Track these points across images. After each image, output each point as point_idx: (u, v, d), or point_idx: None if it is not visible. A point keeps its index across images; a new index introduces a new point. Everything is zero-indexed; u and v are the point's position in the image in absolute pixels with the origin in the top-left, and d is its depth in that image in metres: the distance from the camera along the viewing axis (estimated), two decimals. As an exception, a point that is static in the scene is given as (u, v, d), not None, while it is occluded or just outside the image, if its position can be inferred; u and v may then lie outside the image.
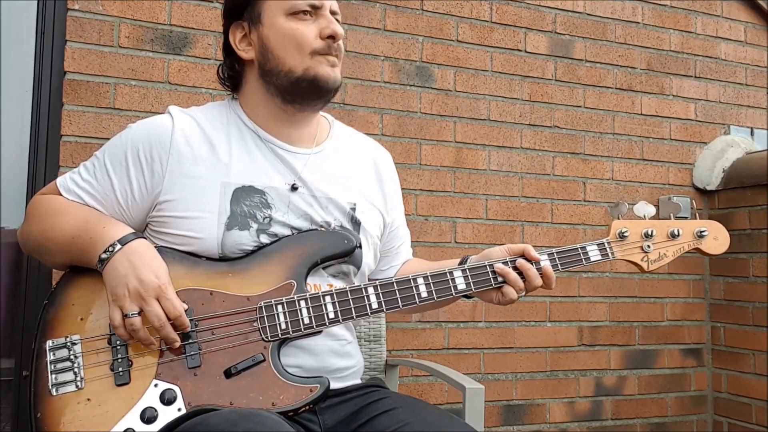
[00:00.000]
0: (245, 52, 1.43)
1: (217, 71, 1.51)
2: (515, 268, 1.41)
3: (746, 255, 2.93)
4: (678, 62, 3.13)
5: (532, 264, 1.41)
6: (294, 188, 1.41)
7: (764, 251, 2.87)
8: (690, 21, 3.16)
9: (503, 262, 1.41)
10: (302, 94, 1.41)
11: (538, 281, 1.41)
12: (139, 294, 1.22)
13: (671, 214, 1.51)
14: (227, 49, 1.47)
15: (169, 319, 1.24)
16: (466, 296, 1.48)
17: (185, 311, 1.26)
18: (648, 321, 2.98)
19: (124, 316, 1.22)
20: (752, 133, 3.27)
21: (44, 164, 2.20)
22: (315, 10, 1.40)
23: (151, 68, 2.27)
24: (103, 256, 1.26)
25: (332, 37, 1.39)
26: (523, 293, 1.42)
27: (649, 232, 1.48)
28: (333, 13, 1.42)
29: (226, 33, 1.46)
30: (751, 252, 2.92)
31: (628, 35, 3.03)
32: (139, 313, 1.23)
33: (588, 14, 2.96)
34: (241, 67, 1.45)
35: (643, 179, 3.02)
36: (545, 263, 1.42)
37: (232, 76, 1.47)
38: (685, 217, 1.55)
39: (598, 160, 2.94)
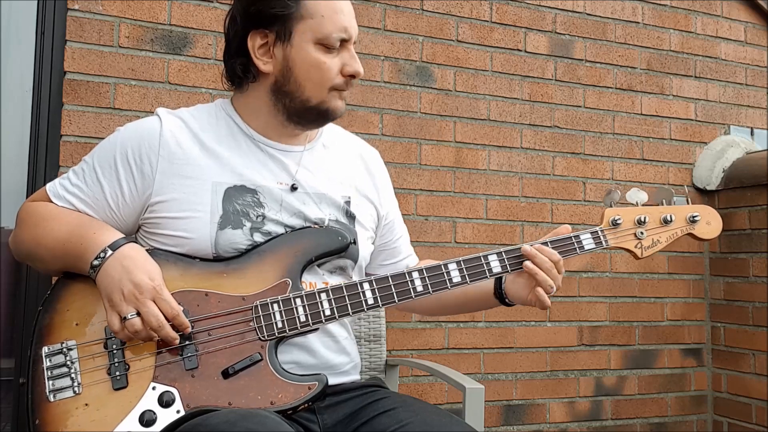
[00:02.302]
0: (263, 63, 1.38)
1: (225, 66, 1.45)
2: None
3: (746, 255, 2.93)
4: (678, 62, 3.13)
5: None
6: (294, 188, 1.42)
7: (764, 251, 2.86)
8: (690, 21, 3.16)
9: (497, 254, 1.41)
10: (308, 119, 1.43)
11: (550, 266, 1.40)
12: (135, 296, 1.22)
13: (663, 200, 1.51)
14: (240, 50, 1.41)
15: (167, 319, 1.24)
16: (508, 304, 1.50)
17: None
18: (648, 321, 2.98)
19: (123, 319, 1.22)
20: (752, 133, 3.27)
21: (44, 164, 2.20)
22: (343, 43, 1.39)
23: (151, 68, 2.27)
24: (95, 262, 1.26)
25: (353, 76, 1.40)
26: (554, 290, 1.41)
27: (642, 219, 1.48)
28: (353, 42, 1.42)
29: (244, 34, 1.39)
30: (751, 252, 2.92)
31: (628, 35, 3.03)
32: (138, 314, 1.22)
33: (588, 14, 2.96)
34: (254, 72, 1.41)
35: (643, 179, 3.01)
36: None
37: (240, 77, 1.43)
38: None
39: (598, 160, 2.94)
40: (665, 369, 3.00)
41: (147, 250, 1.32)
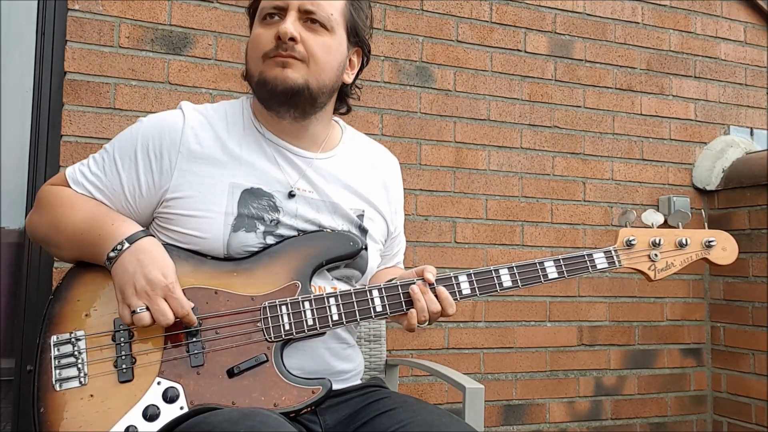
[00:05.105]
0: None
1: None
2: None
3: (746, 255, 2.93)
4: (678, 62, 3.13)
5: (427, 288, 1.34)
6: (291, 195, 1.39)
7: (764, 251, 2.87)
8: (690, 21, 3.17)
9: (507, 267, 1.39)
10: (265, 99, 1.38)
11: (435, 306, 1.34)
12: (146, 293, 1.23)
13: (679, 223, 1.48)
14: None
15: (176, 317, 1.24)
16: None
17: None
18: (648, 321, 2.98)
19: (132, 312, 1.22)
20: (752, 133, 3.27)
21: (44, 164, 2.20)
22: (280, 12, 1.34)
23: (151, 68, 2.27)
24: (112, 254, 1.27)
25: (280, 38, 1.32)
26: (426, 323, 1.35)
27: (657, 241, 1.45)
28: (306, 12, 1.34)
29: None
30: (750, 252, 2.92)
31: (627, 35, 3.03)
32: (147, 309, 1.23)
33: (588, 14, 2.96)
34: None
35: (642, 179, 3.02)
36: (440, 287, 1.36)
37: None
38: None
39: (597, 160, 2.94)
40: (665, 369, 3.01)
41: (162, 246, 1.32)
